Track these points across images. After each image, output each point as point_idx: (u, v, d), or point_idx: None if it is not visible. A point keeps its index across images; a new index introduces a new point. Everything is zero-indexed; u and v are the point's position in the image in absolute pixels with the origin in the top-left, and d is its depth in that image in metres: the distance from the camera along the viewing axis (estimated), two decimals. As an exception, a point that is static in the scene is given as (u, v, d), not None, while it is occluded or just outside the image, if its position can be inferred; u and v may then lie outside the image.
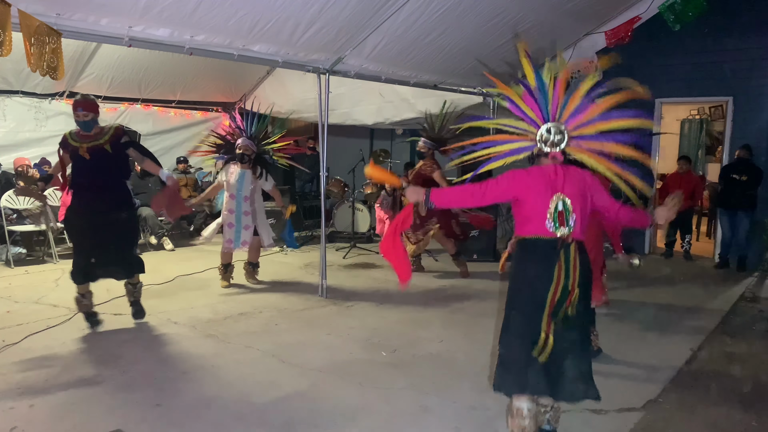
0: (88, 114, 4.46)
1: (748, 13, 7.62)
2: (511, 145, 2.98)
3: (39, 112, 8.12)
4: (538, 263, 2.81)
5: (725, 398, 3.68)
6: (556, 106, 2.87)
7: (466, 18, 5.91)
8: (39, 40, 3.83)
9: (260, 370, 3.99)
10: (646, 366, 4.15)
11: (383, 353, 4.34)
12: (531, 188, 2.81)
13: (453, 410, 3.42)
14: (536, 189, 2.80)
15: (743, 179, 7.26)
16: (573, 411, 3.39)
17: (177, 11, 4.48)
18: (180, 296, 5.80)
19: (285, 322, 5.06)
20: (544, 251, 2.80)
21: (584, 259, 2.84)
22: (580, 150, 2.88)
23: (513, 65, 7.40)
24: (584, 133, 2.86)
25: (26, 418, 3.25)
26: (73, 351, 4.30)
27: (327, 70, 5.85)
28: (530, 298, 2.83)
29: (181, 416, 3.31)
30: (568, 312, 2.80)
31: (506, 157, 2.98)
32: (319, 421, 3.28)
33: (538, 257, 2.82)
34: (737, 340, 4.81)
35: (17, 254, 7.15)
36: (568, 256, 2.77)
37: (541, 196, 2.79)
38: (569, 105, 2.86)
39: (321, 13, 5.04)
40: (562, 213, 2.77)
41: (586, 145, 2.87)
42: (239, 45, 5.17)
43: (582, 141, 2.87)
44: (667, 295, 6.17)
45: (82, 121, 4.48)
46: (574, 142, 2.86)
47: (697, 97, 8.46)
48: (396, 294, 6.04)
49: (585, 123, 2.85)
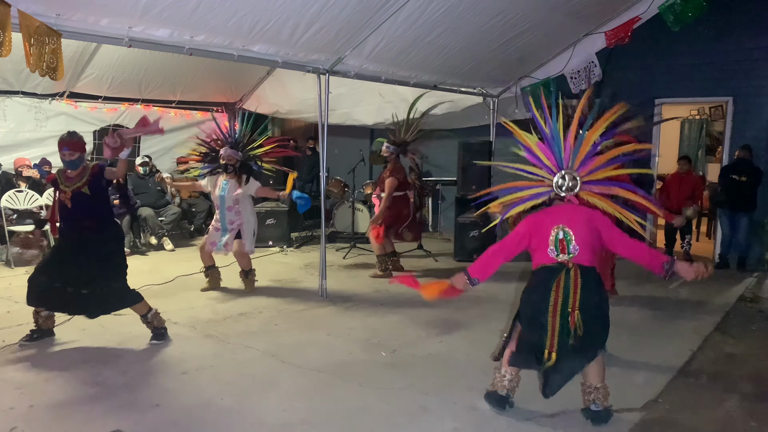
0: (74, 153, 4.24)
1: (748, 13, 7.63)
2: (530, 191, 3.28)
3: (39, 112, 8.12)
4: (541, 285, 3.13)
5: (725, 398, 3.67)
6: (569, 154, 3.19)
7: (466, 18, 5.90)
8: (39, 41, 3.83)
9: (260, 370, 3.99)
10: (646, 366, 4.15)
11: (383, 353, 4.34)
12: (539, 225, 3.18)
13: (453, 410, 3.42)
14: (543, 224, 3.16)
15: (743, 179, 7.26)
16: (573, 411, 3.39)
17: (177, 11, 4.47)
18: (180, 296, 5.80)
19: (285, 323, 5.06)
20: (546, 276, 3.12)
21: (589, 283, 3.08)
22: (591, 194, 3.19)
23: (513, 65, 7.42)
24: (594, 179, 3.19)
25: (26, 418, 3.25)
26: (73, 351, 4.30)
27: (327, 71, 5.85)
28: (531, 318, 3.17)
29: (181, 416, 3.31)
30: (576, 332, 3.04)
31: (526, 202, 3.29)
32: (319, 421, 3.28)
33: (541, 281, 3.14)
34: (737, 340, 4.81)
35: (17, 254, 7.16)
36: (567, 279, 3.06)
37: (545, 229, 3.15)
38: (580, 153, 3.18)
39: (321, 13, 5.04)
40: (563, 241, 3.09)
41: (597, 190, 3.19)
42: (239, 45, 5.17)
43: (593, 186, 3.19)
44: (666, 296, 6.17)
45: (68, 161, 4.25)
46: (586, 186, 3.18)
47: (697, 97, 8.46)
48: (396, 294, 6.04)
49: (594, 170, 3.18)
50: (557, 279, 3.08)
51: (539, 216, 3.22)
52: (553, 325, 3.06)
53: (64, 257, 4.29)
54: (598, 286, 3.14)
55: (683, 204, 8.08)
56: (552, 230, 3.13)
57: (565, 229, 3.10)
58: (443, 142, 10.08)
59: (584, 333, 3.05)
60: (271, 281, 6.54)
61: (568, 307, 3.05)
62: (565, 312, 3.05)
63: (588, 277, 3.09)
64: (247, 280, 6.09)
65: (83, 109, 8.57)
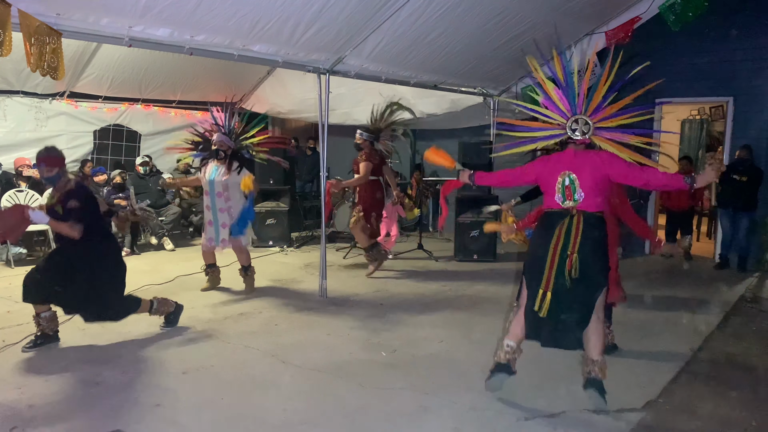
0: (51, 169, 4.10)
1: (748, 13, 7.63)
2: (544, 132, 3.52)
3: (39, 112, 8.11)
4: (545, 230, 3.35)
5: (725, 398, 3.67)
6: (582, 100, 3.42)
7: (466, 18, 5.90)
8: (39, 40, 3.83)
9: (260, 370, 3.99)
10: (646, 366, 4.14)
11: (383, 353, 4.34)
12: (547, 169, 3.40)
13: (452, 410, 3.42)
14: (551, 169, 3.38)
15: (743, 179, 7.26)
16: (573, 411, 3.39)
17: (177, 11, 4.47)
18: (180, 296, 5.77)
19: (285, 322, 5.06)
20: (551, 221, 3.35)
21: (590, 228, 3.26)
22: (603, 140, 3.39)
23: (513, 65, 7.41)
24: (606, 125, 3.40)
25: (26, 418, 3.25)
26: (73, 351, 4.30)
27: (327, 71, 5.85)
28: (533, 259, 3.38)
29: (181, 416, 3.31)
30: (571, 273, 3.20)
31: (539, 142, 3.53)
32: (319, 421, 3.28)
33: (546, 225, 3.37)
34: (737, 340, 4.80)
35: (17, 254, 7.16)
36: (570, 223, 3.27)
37: (553, 174, 3.37)
38: (593, 101, 3.40)
39: (321, 13, 5.04)
40: (569, 187, 3.30)
41: (608, 135, 3.39)
42: (239, 45, 5.17)
43: (605, 132, 3.39)
44: (666, 295, 6.17)
45: (46, 177, 4.13)
46: (598, 132, 3.39)
47: (698, 97, 8.45)
48: (396, 294, 6.04)
49: (607, 117, 3.39)
50: (561, 224, 3.29)
51: (551, 158, 3.44)
52: (551, 266, 3.25)
53: (57, 263, 4.26)
54: (600, 231, 3.30)
55: (684, 204, 8.10)
56: (559, 176, 3.33)
57: (572, 175, 3.29)
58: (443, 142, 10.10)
59: (581, 276, 3.22)
60: (272, 281, 6.54)
61: (568, 250, 3.23)
62: (564, 254, 3.23)
63: (590, 223, 3.28)
64: (247, 277, 6.07)
65: (83, 108, 8.56)
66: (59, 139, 8.28)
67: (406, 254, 8.11)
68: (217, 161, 5.82)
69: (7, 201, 7.19)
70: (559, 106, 3.46)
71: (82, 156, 8.58)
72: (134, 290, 5.10)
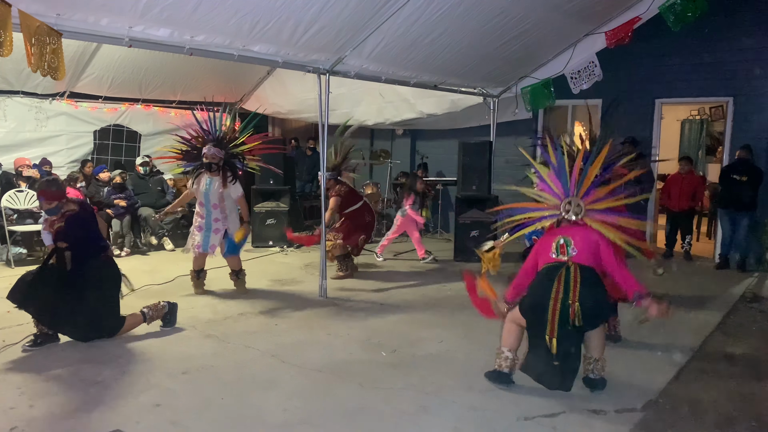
0: (51, 202, 4.21)
1: (748, 13, 7.63)
2: (540, 212, 3.80)
3: (39, 112, 8.12)
4: (544, 279, 3.50)
5: (725, 399, 3.67)
6: (574, 183, 3.67)
7: (466, 18, 5.90)
8: (39, 41, 3.83)
9: (260, 370, 3.99)
10: (646, 366, 4.15)
11: (383, 353, 4.34)
12: (546, 240, 3.64)
13: (453, 410, 3.42)
14: (548, 239, 3.63)
15: (743, 180, 7.26)
16: (573, 411, 3.39)
17: (177, 11, 4.48)
18: (180, 296, 5.78)
19: (285, 322, 5.06)
20: (548, 272, 3.51)
21: (588, 279, 3.41)
22: (594, 220, 3.62)
23: (513, 65, 7.41)
24: (597, 207, 3.63)
25: (26, 418, 3.25)
26: (73, 351, 4.29)
27: (327, 71, 5.85)
28: (531, 304, 3.52)
29: (181, 416, 3.31)
30: (575, 322, 3.36)
31: (536, 223, 3.82)
32: (319, 421, 3.28)
33: (544, 276, 3.52)
34: (737, 340, 4.81)
35: (18, 254, 7.16)
36: (568, 274, 3.42)
37: (548, 240, 3.62)
38: (584, 184, 3.65)
39: (321, 13, 5.04)
40: (563, 245, 3.52)
41: (599, 217, 3.61)
42: (239, 45, 5.17)
43: (596, 214, 3.62)
44: (666, 296, 6.16)
45: (46, 210, 4.27)
46: (590, 213, 3.62)
47: (697, 97, 8.45)
48: (396, 294, 6.05)
49: (597, 200, 3.64)
50: (559, 274, 3.44)
51: (546, 236, 3.71)
52: (554, 314, 3.37)
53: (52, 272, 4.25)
54: (596, 282, 3.48)
55: (684, 204, 8.09)
56: (554, 239, 3.58)
57: (566, 237, 3.55)
58: (443, 142, 10.11)
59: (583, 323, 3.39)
60: (271, 281, 6.54)
61: (569, 299, 3.36)
62: (566, 304, 3.36)
63: (587, 274, 3.44)
64: (238, 281, 6.04)
65: (83, 109, 8.57)
66: (59, 139, 8.31)
67: (407, 254, 8.11)
68: (210, 174, 5.71)
69: (7, 201, 7.20)
70: (554, 189, 3.74)
71: (82, 156, 8.59)
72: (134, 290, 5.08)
